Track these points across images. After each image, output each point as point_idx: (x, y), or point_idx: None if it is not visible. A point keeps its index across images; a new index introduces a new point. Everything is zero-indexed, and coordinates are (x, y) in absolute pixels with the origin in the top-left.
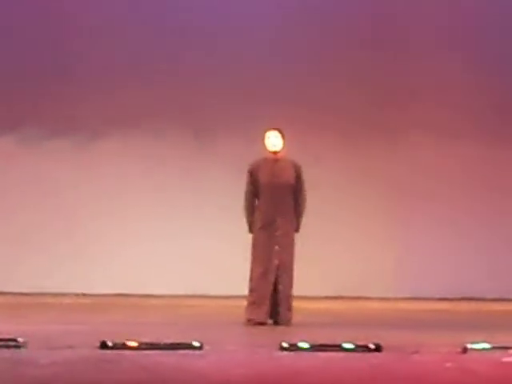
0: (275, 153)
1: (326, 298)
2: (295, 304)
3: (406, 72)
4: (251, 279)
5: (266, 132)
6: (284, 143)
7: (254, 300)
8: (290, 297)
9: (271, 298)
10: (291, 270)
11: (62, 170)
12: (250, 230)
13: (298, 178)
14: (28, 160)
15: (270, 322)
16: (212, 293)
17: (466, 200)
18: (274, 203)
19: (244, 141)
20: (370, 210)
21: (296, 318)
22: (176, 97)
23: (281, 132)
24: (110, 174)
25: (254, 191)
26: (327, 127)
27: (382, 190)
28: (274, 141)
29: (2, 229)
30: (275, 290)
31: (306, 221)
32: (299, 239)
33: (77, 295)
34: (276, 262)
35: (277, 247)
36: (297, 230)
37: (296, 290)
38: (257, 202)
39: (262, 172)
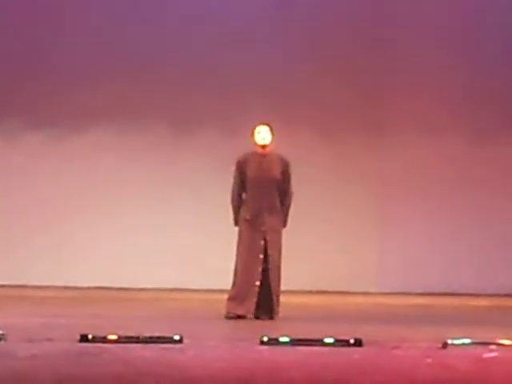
0: (264, 146)
1: (310, 292)
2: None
3: (402, 71)
4: (235, 273)
5: (255, 127)
6: (272, 138)
7: (235, 294)
8: (278, 291)
9: (260, 293)
10: (279, 265)
11: (42, 162)
12: (236, 222)
13: (285, 173)
14: (8, 153)
15: (251, 316)
16: (195, 287)
17: (452, 197)
18: (261, 198)
19: (231, 135)
20: (355, 206)
21: (280, 312)
22: (158, 91)
23: (270, 127)
24: (91, 167)
25: (241, 184)
26: (317, 124)
27: (368, 187)
28: (264, 135)
29: None
30: (264, 284)
31: (292, 216)
32: (284, 234)
33: (58, 288)
34: (262, 256)
35: (263, 242)
36: (284, 225)
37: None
38: (244, 195)
39: (249, 166)
